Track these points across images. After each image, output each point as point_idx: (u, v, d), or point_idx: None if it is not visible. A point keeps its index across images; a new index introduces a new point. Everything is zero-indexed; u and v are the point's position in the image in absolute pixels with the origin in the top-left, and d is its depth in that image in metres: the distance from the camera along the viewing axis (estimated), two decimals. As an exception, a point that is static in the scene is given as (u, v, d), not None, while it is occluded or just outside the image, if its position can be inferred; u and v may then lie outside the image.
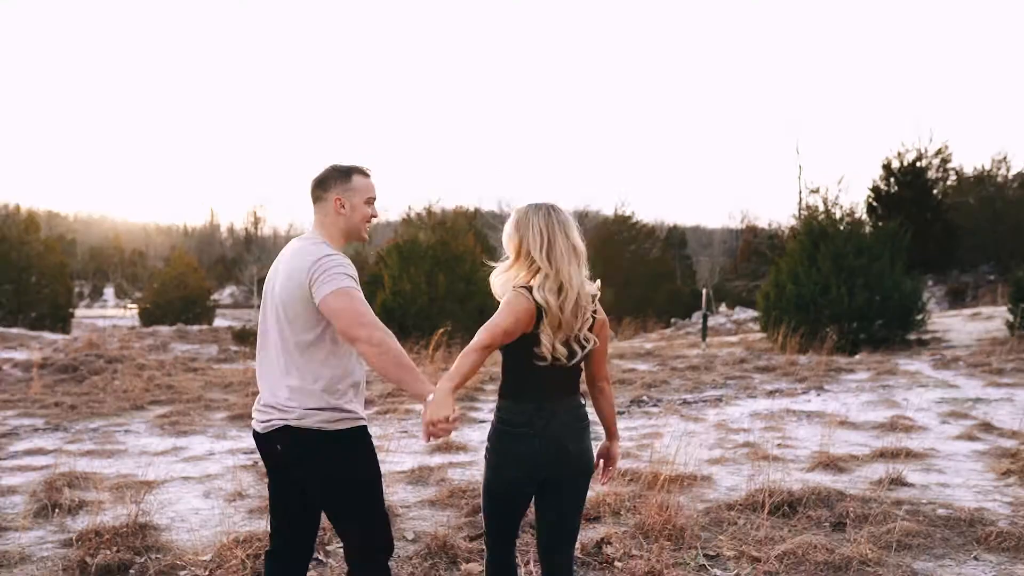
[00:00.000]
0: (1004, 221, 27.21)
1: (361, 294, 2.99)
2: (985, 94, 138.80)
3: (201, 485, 6.63)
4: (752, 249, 42.46)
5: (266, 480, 6.71)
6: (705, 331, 21.48)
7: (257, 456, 7.69)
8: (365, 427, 3.14)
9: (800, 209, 30.00)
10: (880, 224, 19.59)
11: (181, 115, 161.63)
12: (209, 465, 7.37)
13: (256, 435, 3.20)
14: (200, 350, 19.70)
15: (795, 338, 15.21)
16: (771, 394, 10.73)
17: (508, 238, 3.10)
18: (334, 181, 3.16)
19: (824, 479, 6.35)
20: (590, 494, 6.13)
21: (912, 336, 18.38)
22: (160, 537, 5.17)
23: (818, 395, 10.48)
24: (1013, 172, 31.52)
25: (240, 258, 72.57)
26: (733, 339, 23.65)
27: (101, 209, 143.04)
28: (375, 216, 3.26)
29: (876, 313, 17.86)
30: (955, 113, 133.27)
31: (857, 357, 14.69)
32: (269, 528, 3.37)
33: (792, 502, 5.52)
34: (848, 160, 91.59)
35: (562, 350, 2.99)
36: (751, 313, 29.57)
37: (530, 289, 2.97)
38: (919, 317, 18.31)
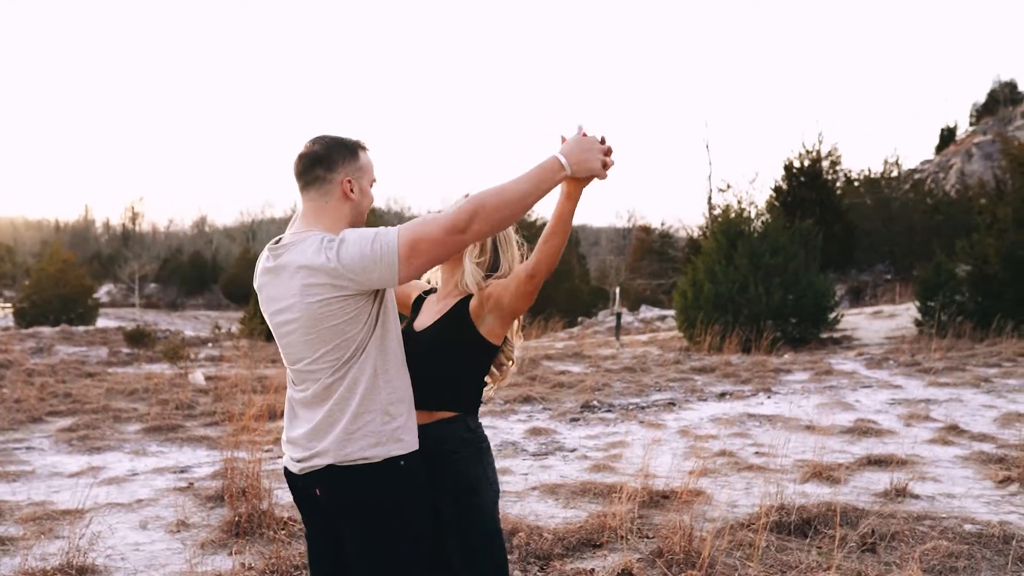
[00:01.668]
0: (898, 222, 28.06)
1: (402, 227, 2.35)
2: (878, 97, 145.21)
3: (134, 514, 5.77)
4: (646, 248, 42.78)
5: (210, 505, 5.95)
6: (619, 330, 21.29)
7: (192, 477, 6.85)
8: (417, 453, 2.49)
9: (710, 207, 30.20)
10: (786, 225, 19.67)
11: (50, 105, 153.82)
12: (136, 488, 6.48)
13: (288, 474, 2.55)
14: (88, 352, 18.23)
15: (732, 338, 15.03)
16: (721, 397, 10.42)
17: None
18: (341, 158, 2.44)
19: (824, 492, 5.98)
20: (585, 515, 5.62)
21: (824, 335, 18.57)
22: (103, 583, 4.36)
23: (768, 397, 10.22)
24: (904, 173, 32.68)
25: (118, 254, 69.12)
26: (643, 338, 23.50)
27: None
28: (372, 202, 2.64)
29: (791, 311, 17.94)
30: (851, 114, 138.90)
31: (786, 357, 14.62)
32: None
33: (808, 519, 5.12)
34: (753, 160, 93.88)
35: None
36: (657, 312, 29.65)
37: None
38: (832, 316, 18.50)
